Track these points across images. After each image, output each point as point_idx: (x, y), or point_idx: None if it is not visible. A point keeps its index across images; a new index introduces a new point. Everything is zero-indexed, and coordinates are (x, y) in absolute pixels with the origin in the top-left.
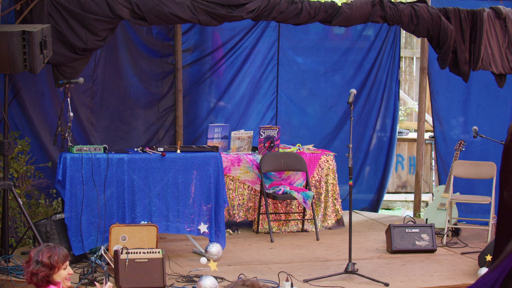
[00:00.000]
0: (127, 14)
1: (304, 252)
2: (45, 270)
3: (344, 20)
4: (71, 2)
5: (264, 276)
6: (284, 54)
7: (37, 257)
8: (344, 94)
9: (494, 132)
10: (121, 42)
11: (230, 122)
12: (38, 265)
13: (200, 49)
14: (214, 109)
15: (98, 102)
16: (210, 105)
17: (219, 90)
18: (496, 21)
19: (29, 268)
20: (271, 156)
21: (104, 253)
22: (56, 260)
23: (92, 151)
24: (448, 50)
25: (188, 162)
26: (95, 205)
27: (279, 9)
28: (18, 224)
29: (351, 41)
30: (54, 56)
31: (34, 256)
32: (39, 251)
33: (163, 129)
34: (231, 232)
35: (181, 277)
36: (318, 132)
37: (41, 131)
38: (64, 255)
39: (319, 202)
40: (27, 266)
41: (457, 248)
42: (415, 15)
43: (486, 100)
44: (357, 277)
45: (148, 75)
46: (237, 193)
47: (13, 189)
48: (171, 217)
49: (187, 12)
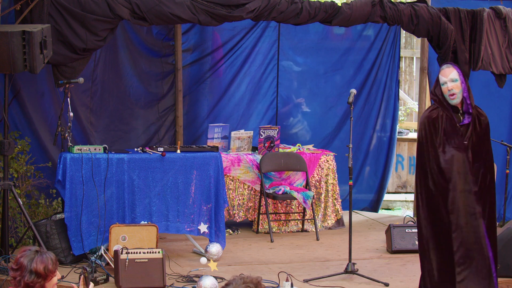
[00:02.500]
0: (127, 14)
1: (304, 252)
2: (40, 281)
3: (344, 20)
4: (71, 2)
5: (264, 276)
6: (284, 54)
7: (30, 266)
8: (344, 94)
9: (494, 132)
10: (121, 42)
11: (230, 122)
12: (33, 276)
13: (200, 49)
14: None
15: (98, 102)
16: (210, 105)
17: (219, 90)
18: (496, 21)
19: (23, 278)
20: (271, 156)
21: (104, 253)
22: (50, 270)
23: (92, 151)
24: (448, 50)
25: (188, 162)
26: (95, 205)
27: (279, 9)
28: (18, 224)
29: (351, 41)
30: (54, 56)
31: (28, 265)
32: (31, 259)
33: (163, 129)
34: (231, 232)
35: (181, 277)
36: (318, 132)
37: (41, 131)
38: (56, 261)
39: (319, 202)
40: (19, 275)
41: None
42: (415, 15)
43: (486, 100)
44: (357, 277)
45: (148, 75)
46: (237, 193)
47: (13, 189)
48: (171, 217)
49: (187, 12)
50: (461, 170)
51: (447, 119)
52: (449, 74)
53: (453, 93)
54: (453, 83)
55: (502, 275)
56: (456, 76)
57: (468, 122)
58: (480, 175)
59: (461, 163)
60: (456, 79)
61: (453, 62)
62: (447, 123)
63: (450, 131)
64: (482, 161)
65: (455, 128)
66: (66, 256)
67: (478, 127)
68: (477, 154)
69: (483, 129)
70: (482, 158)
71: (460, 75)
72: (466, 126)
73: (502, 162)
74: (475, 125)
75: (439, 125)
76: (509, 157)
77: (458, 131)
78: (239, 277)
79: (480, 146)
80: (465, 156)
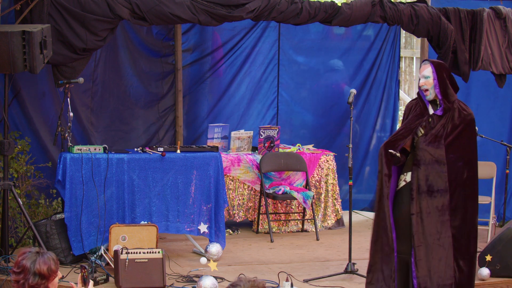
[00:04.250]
0: (127, 14)
1: (304, 252)
2: (44, 282)
3: (344, 20)
4: (71, 2)
5: (264, 276)
6: (285, 53)
7: (34, 268)
8: (344, 94)
9: (494, 132)
10: (121, 42)
11: (230, 122)
12: (37, 278)
13: (200, 49)
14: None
15: (98, 102)
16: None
17: (219, 90)
18: (496, 21)
19: (27, 281)
20: (271, 156)
21: (104, 253)
22: (53, 270)
23: (92, 151)
24: (448, 50)
25: (188, 162)
26: (95, 205)
27: (279, 9)
28: (18, 224)
29: (351, 41)
30: (54, 56)
31: (31, 267)
32: (33, 261)
33: (163, 129)
34: (231, 232)
35: (181, 277)
36: (318, 132)
37: (41, 131)
38: (57, 260)
39: (319, 202)
40: (22, 278)
41: None
42: (415, 15)
43: (486, 100)
44: (357, 277)
45: (148, 75)
46: (237, 193)
47: (13, 189)
48: (171, 217)
49: (187, 12)
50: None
51: (420, 109)
52: (423, 70)
53: (425, 89)
54: (425, 79)
55: (502, 275)
56: (428, 73)
57: (440, 114)
58: (456, 168)
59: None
60: (428, 76)
61: (436, 60)
62: (417, 111)
63: (415, 120)
64: (460, 156)
65: (423, 118)
66: (66, 256)
67: (457, 121)
68: (454, 147)
69: (464, 124)
70: (460, 152)
71: (434, 73)
72: (438, 118)
73: (502, 162)
74: (452, 118)
75: (409, 113)
76: (509, 157)
77: (428, 122)
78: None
79: (458, 140)
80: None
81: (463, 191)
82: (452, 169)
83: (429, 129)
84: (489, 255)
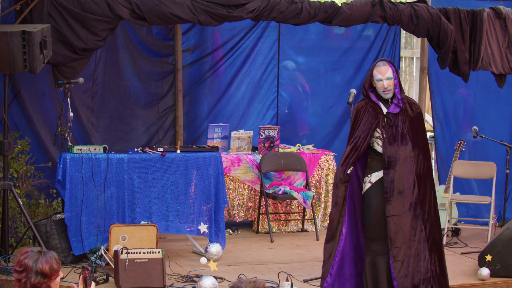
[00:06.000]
0: (127, 14)
1: (304, 252)
2: (46, 281)
3: (344, 20)
4: (71, 2)
5: (264, 276)
6: (285, 53)
7: (36, 267)
8: (344, 94)
9: (494, 132)
10: (121, 42)
11: (230, 122)
12: (39, 277)
13: (200, 49)
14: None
15: (98, 102)
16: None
17: (219, 90)
18: (496, 21)
19: (29, 280)
20: (271, 156)
21: (104, 253)
22: (55, 269)
23: (92, 151)
24: (448, 50)
25: (188, 162)
26: (95, 205)
27: (279, 9)
28: (18, 224)
29: (351, 41)
30: (54, 56)
31: (33, 266)
32: (36, 260)
33: (163, 129)
34: (231, 232)
35: (181, 277)
36: (318, 132)
37: (41, 131)
38: (59, 260)
39: (319, 202)
40: (24, 277)
41: (457, 248)
42: (415, 15)
43: (486, 100)
44: None
45: (148, 75)
46: (237, 193)
47: (13, 189)
48: (171, 217)
49: (187, 12)
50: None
51: (373, 109)
52: (386, 72)
53: (389, 90)
54: (389, 80)
55: (502, 275)
56: (391, 74)
57: (397, 112)
58: (420, 160)
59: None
60: (391, 77)
61: (390, 60)
62: (370, 112)
63: (371, 121)
64: (421, 149)
65: (377, 118)
66: (66, 256)
67: (412, 115)
68: (415, 141)
69: (418, 117)
70: (420, 145)
71: (394, 72)
72: (394, 115)
73: (502, 162)
74: (406, 113)
75: (360, 115)
76: (509, 157)
77: (385, 122)
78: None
79: (417, 134)
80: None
81: (426, 182)
82: (417, 163)
83: (388, 128)
84: (489, 255)
